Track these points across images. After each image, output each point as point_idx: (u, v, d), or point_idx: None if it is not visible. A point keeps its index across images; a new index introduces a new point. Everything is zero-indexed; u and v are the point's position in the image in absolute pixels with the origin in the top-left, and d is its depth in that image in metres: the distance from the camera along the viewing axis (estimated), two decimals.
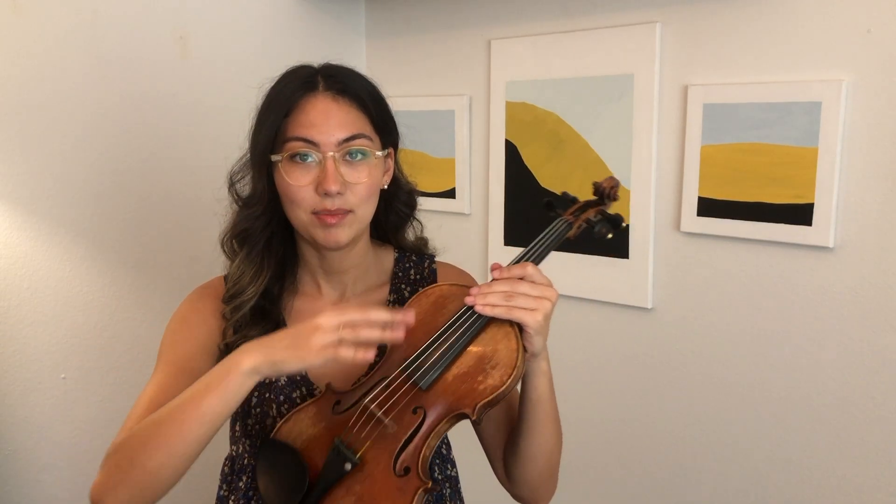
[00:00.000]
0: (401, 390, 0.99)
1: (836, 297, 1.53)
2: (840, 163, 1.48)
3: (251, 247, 1.12)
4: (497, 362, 0.99)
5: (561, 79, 1.88)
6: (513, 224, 2.03)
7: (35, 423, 1.87)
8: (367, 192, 1.08)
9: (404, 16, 2.23)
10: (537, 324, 0.99)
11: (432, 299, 1.07)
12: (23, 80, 1.76)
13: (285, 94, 1.07)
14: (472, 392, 0.98)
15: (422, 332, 1.02)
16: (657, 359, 1.81)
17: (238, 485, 1.15)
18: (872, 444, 1.51)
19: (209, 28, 2.01)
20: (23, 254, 1.80)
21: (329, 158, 1.04)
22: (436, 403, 0.98)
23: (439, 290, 1.08)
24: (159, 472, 0.94)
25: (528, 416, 1.09)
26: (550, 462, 1.14)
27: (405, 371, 1.00)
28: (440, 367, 0.99)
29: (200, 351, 1.11)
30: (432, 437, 0.98)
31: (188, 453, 0.94)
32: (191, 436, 0.93)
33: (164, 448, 0.93)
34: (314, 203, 1.05)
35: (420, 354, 1.00)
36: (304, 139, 1.04)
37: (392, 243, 1.24)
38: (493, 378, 0.98)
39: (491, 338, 1.01)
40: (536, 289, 1.00)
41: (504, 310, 0.99)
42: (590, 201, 1.19)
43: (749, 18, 1.58)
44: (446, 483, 1.20)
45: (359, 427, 0.98)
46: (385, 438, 0.97)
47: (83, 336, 1.91)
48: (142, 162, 1.94)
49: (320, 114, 1.05)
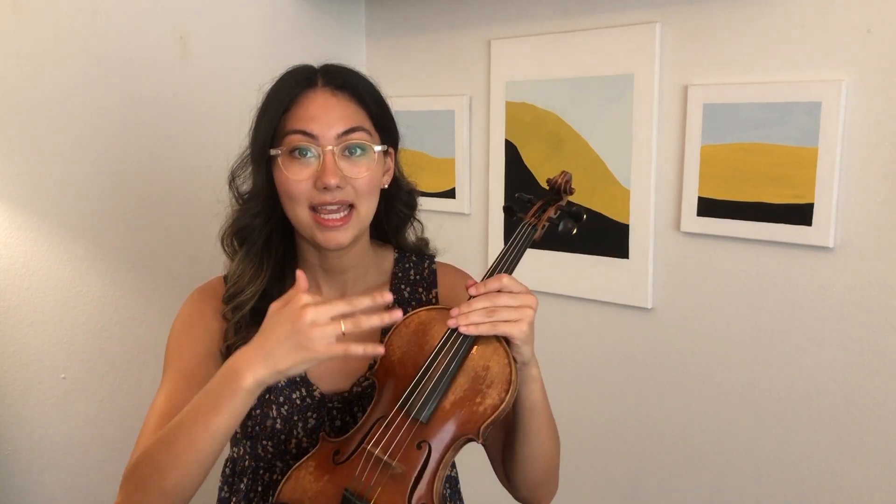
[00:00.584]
0: (401, 428, 0.98)
1: (836, 297, 1.53)
2: (840, 163, 1.48)
3: (250, 245, 1.12)
4: (492, 380, 0.98)
5: (561, 79, 1.88)
6: (513, 224, 2.02)
7: (35, 423, 1.87)
8: (366, 186, 1.07)
9: (404, 16, 2.23)
10: (523, 334, 0.99)
11: (412, 328, 1.05)
12: (23, 80, 1.76)
13: (285, 90, 1.08)
14: (472, 416, 0.97)
15: (410, 364, 1.01)
16: (657, 359, 1.81)
17: (239, 486, 1.15)
18: (872, 444, 1.51)
19: (209, 28, 2.01)
20: (23, 254, 1.80)
21: (328, 152, 1.04)
22: (439, 434, 0.97)
23: (418, 318, 1.06)
24: (176, 489, 0.95)
25: (524, 422, 1.09)
26: (549, 464, 1.15)
27: (402, 408, 0.99)
28: (436, 397, 0.98)
29: (206, 356, 1.11)
30: (441, 469, 0.97)
31: (203, 468, 0.95)
32: (202, 454, 0.93)
33: (178, 469, 0.94)
34: (314, 199, 1.05)
35: (414, 388, 0.99)
36: (303, 132, 1.04)
37: (392, 244, 1.24)
38: (490, 398, 0.97)
39: (480, 356, 1.00)
40: (516, 298, 1.00)
41: (488, 326, 0.98)
42: (547, 199, 1.17)
43: (749, 18, 1.58)
44: (446, 484, 1.20)
45: (366, 475, 0.97)
46: (395, 480, 0.96)
47: (83, 336, 1.91)
48: (142, 162, 1.94)
49: (319, 107, 1.06)
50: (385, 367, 1.05)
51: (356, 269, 1.17)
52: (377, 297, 0.94)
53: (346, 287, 1.17)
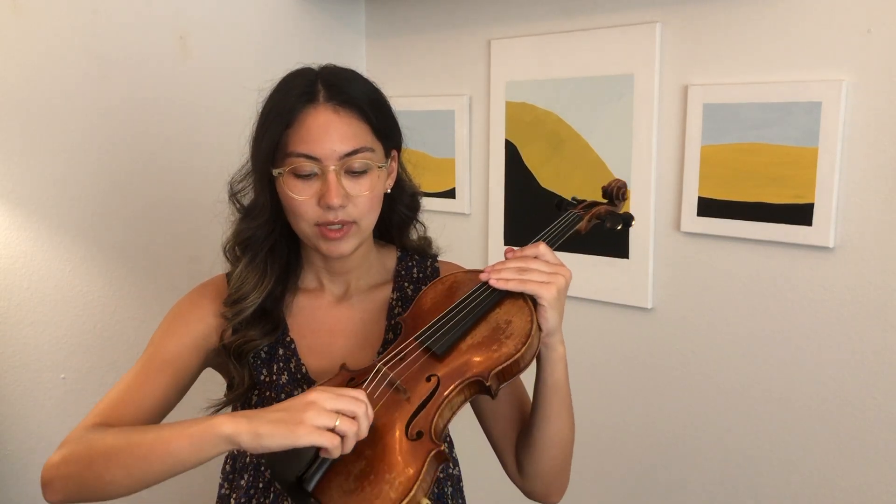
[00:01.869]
0: (415, 357, 1.00)
1: (836, 297, 1.53)
2: (840, 163, 1.48)
3: (254, 253, 1.12)
4: (511, 333, 1.00)
5: (561, 79, 1.88)
6: (513, 224, 2.03)
7: (35, 423, 1.87)
8: (369, 204, 1.08)
9: (404, 16, 2.23)
10: (551, 296, 1.01)
11: (447, 285, 1.10)
12: (23, 80, 1.76)
13: (286, 104, 1.06)
14: (486, 360, 0.99)
15: (437, 312, 1.04)
16: (657, 359, 1.81)
17: (239, 483, 1.15)
18: (872, 444, 1.51)
19: (209, 28, 2.01)
20: (23, 254, 1.80)
21: (331, 172, 1.04)
22: (449, 371, 0.99)
23: (454, 277, 1.11)
24: (111, 485, 0.96)
25: (545, 402, 1.09)
26: (565, 452, 1.15)
27: (419, 338, 1.02)
28: (455, 335, 1.01)
29: (191, 348, 1.11)
30: (445, 407, 0.97)
31: (144, 482, 0.96)
32: (150, 469, 0.94)
33: (124, 469, 0.95)
34: (317, 216, 1.05)
35: (435, 323, 1.02)
36: (306, 155, 1.04)
37: (395, 244, 1.25)
38: (507, 347, 0.99)
39: (506, 312, 1.03)
40: (550, 266, 1.03)
41: (517, 283, 1.01)
42: (600, 202, 1.23)
43: (749, 18, 1.58)
44: (448, 482, 1.20)
45: (371, 388, 0.98)
46: (398, 405, 0.97)
47: (83, 336, 1.91)
48: (142, 162, 1.94)
49: (321, 128, 1.04)
50: (414, 313, 1.08)
51: (359, 268, 1.18)
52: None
53: (349, 285, 1.18)
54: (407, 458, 0.92)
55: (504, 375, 0.99)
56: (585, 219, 1.18)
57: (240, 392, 1.12)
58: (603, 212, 1.20)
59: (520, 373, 1.01)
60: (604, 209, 1.20)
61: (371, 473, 0.91)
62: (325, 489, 0.91)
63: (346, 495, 0.90)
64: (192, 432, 0.92)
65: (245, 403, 1.13)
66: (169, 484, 0.99)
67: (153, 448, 0.94)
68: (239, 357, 1.11)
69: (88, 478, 0.97)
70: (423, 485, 0.90)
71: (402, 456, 0.92)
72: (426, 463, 0.91)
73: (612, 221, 1.18)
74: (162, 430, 0.95)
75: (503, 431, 1.19)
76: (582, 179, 1.87)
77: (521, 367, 1.00)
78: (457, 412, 1.00)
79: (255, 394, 1.13)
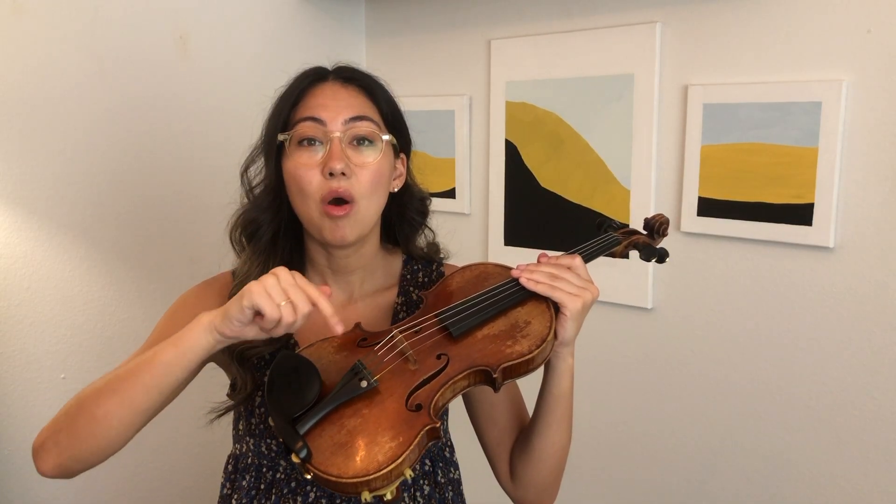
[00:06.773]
0: (431, 333, 1.01)
1: (836, 297, 1.53)
2: (840, 163, 1.48)
3: (257, 241, 1.13)
4: (528, 333, 1.01)
5: (561, 79, 1.88)
6: (513, 224, 2.03)
7: (35, 423, 1.86)
8: (371, 179, 1.07)
9: (404, 16, 2.23)
10: (576, 308, 1.02)
11: (475, 273, 1.11)
12: (23, 80, 1.76)
13: (296, 84, 1.10)
14: (497, 353, 1.00)
15: (461, 295, 1.06)
16: (657, 359, 1.81)
17: (241, 483, 1.15)
18: (872, 444, 1.51)
19: (209, 28, 2.01)
20: (23, 254, 1.80)
21: (335, 139, 1.05)
22: (461, 354, 1.00)
23: (483, 268, 1.12)
24: (104, 422, 0.95)
25: (547, 412, 1.11)
26: (560, 463, 1.16)
27: (439, 316, 1.03)
28: (474, 321, 1.02)
29: None
30: (448, 388, 0.97)
31: (138, 405, 0.95)
32: (142, 386, 0.95)
33: (116, 396, 0.95)
34: (321, 187, 1.05)
35: (457, 306, 1.03)
36: (312, 118, 1.06)
37: (402, 249, 1.24)
38: (521, 345, 1.00)
39: (528, 312, 1.04)
40: (581, 280, 1.04)
41: (547, 287, 1.03)
42: (640, 232, 1.24)
43: (749, 18, 1.58)
44: (449, 486, 1.20)
45: (382, 353, 0.99)
46: (404, 373, 0.98)
47: (83, 336, 1.91)
48: (142, 162, 1.94)
49: (328, 96, 1.08)
50: (437, 292, 1.10)
51: (363, 270, 1.17)
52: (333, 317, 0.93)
53: (353, 288, 1.17)
54: (402, 426, 0.92)
55: (511, 372, 1.00)
56: (623, 244, 1.20)
57: (243, 396, 1.12)
58: (641, 242, 1.21)
59: (527, 374, 1.01)
60: (642, 240, 1.22)
61: (364, 431, 0.92)
62: (317, 436, 0.91)
63: (335, 447, 0.91)
64: (174, 338, 0.95)
65: (249, 402, 1.13)
66: (169, 484, 1.00)
67: (140, 365, 0.95)
68: (242, 361, 1.11)
69: (80, 424, 0.97)
70: (410, 456, 0.90)
71: (398, 423, 0.93)
72: (419, 436, 0.91)
73: (647, 254, 1.20)
74: (147, 351, 0.98)
75: (498, 438, 1.20)
76: (582, 179, 1.87)
77: (530, 369, 1.01)
78: (457, 396, 1.00)
79: (258, 394, 1.13)
